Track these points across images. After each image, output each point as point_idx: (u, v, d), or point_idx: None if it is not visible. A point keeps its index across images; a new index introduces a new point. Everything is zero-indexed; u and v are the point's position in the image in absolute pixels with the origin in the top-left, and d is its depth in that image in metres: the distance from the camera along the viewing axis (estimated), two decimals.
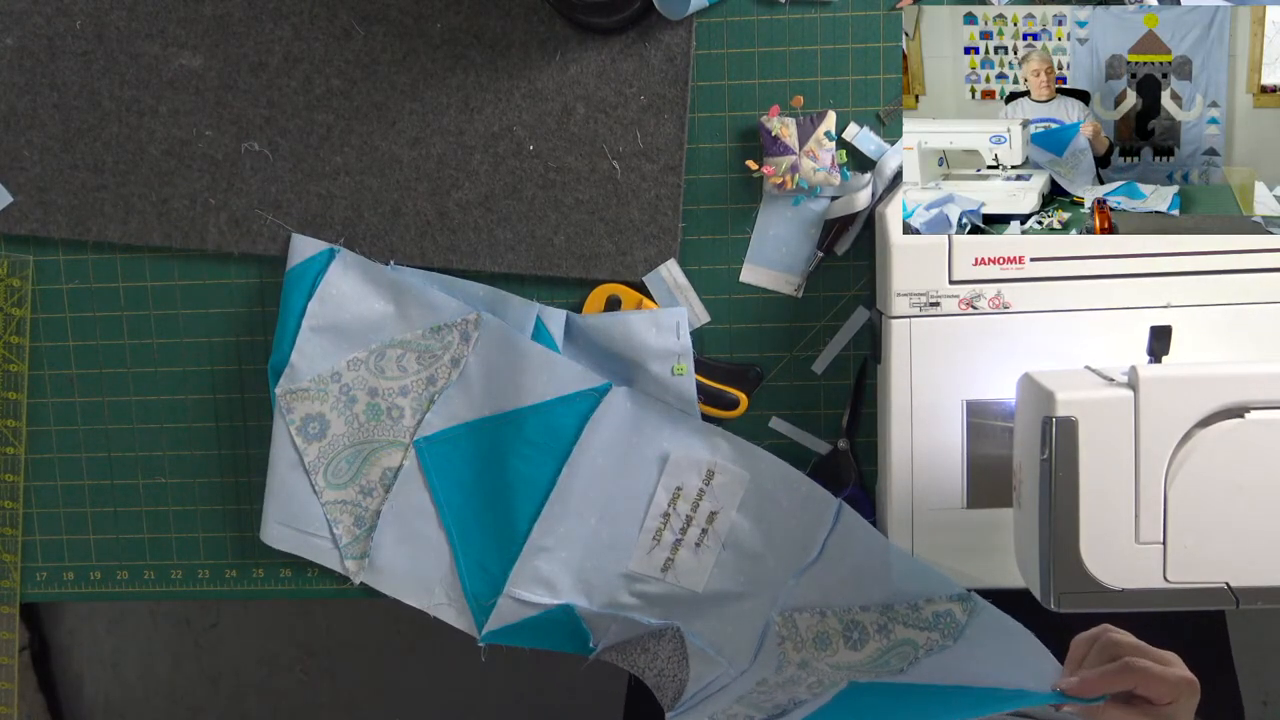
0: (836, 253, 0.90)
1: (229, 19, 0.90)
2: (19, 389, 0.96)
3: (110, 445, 0.97)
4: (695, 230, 0.91)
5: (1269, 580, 0.69)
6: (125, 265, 0.95)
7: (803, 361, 0.92)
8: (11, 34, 0.92)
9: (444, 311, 0.91)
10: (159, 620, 1.81)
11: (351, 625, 1.76)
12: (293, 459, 0.92)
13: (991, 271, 0.80)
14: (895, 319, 0.81)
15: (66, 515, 0.98)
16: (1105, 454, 0.68)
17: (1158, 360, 0.79)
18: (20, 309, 0.95)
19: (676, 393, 0.90)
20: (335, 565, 0.94)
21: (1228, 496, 0.68)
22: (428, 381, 0.91)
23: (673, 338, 0.89)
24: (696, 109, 0.89)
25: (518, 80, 0.89)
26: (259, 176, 0.92)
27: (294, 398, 0.91)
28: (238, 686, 1.81)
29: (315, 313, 0.90)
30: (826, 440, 0.92)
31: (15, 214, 0.94)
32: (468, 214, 0.91)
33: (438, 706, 1.75)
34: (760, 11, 0.88)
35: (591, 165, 0.89)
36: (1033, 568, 0.72)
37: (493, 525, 0.93)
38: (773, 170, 0.87)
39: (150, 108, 0.92)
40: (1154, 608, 0.70)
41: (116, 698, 1.83)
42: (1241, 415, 0.68)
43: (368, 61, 0.90)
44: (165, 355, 0.96)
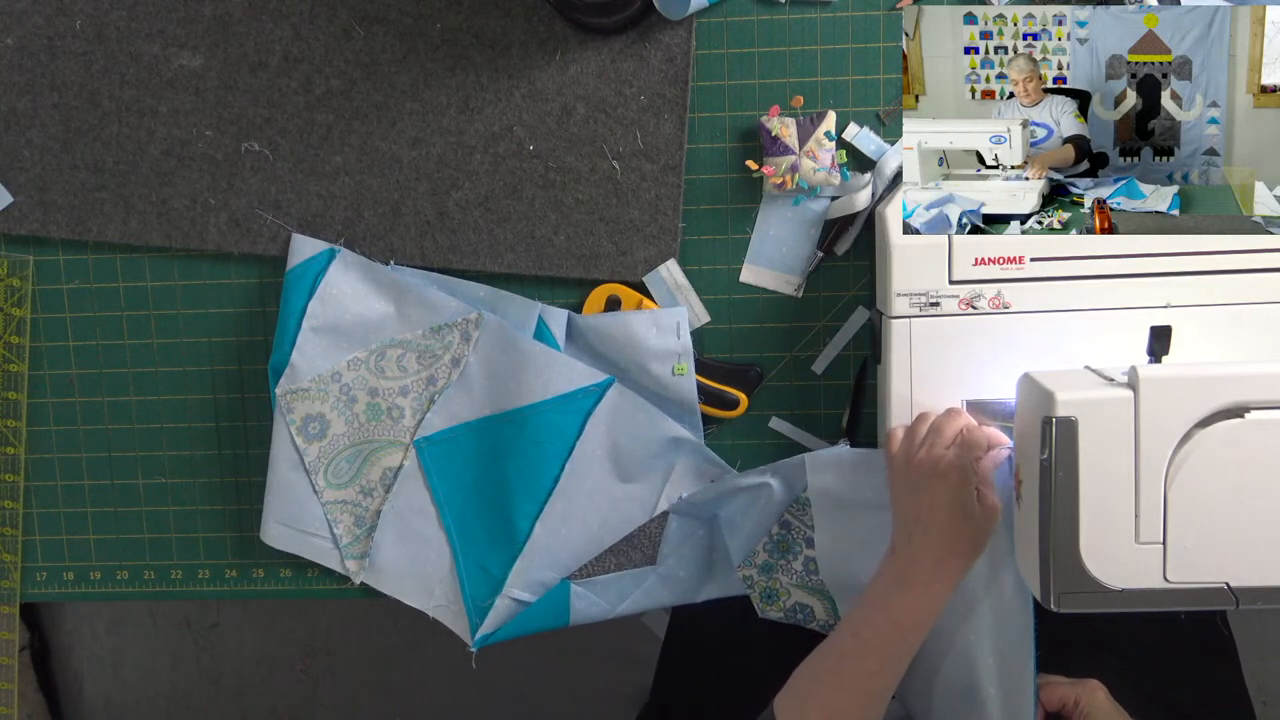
0: (836, 253, 0.90)
1: (229, 19, 0.90)
2: (19, 389, 0.96)
3: (110, 445, 0.97)
4: (695, 230, 0.90)
5: (1269, 580, 0.69)
6: (125, 265, 0.95)
7: (803, 361, 0.92)
8: (11, 34, 0.92)
9: (444, 311, 0.91)
10: (159, 620, 1.81)
11: (351, 625, 1.76)
12: (293, 459, 0.92)
13: (991, 271, 0.80)
14: (895, 319, 0.81)
15: (66, 515, 0.98)
16: (1105, 454, 0.68)
17: (1158, 360, 0.79)
18: (20, 309, 0.95)
19: (676, 393, 0.90)
20: (335, 565, 0.94)
21: (1228, 496, 0.68)
22: (428, 381, 0.91)
23: (673, 338, 0.89)
24: (696, 109, 0.89)
25: (518, 80, 0.89)
26: (259, 176, 0.92)
27: (294, 398, 0.91)
28: (238, 686, 1.81)
29: (316, 313, 0.90)
30: (826, 440, 0.92)
31: (15, 214, 0.94)
32: (468, 214, 0.91)
33: (438, 706, 1.75)
34: (760, 11, 0.88)
35: (591, 165, 0.89)
36: (1033, 568, 0.72)
37: (493, 525, 0.93)
38: (773, 170, 0.87)
39: (150, 108, 0.92)
40: (1154, 608, 0.70)
41: (116, 698, 1.83)
42: (1241, 415, 0.68)
43: (368, 61, 0.90)
44: (165, 355, 0.95)
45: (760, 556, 0.92)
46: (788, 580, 0.93)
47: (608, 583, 0.93)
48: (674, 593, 0.94)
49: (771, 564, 0.92)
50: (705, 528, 0.94)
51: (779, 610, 0.93)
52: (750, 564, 0.93)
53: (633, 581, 0.93)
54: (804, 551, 0.92)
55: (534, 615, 0.92)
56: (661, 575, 0.93)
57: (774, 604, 0.93)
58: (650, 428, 0.91)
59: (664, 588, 0.94)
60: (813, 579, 0.92)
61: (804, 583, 0.92)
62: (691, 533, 0.94)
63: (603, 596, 0.93)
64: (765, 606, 0.93)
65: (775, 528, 0.91)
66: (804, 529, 0.91)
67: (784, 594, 0.93)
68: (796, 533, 0.91)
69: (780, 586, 0.93)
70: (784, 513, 0.91)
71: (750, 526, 0.91)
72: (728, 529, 0.92)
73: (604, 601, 0.93)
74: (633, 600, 0.93)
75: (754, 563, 0.93)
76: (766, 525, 0.91)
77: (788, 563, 0.92)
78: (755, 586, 0.93)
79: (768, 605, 0.93)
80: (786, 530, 0.92)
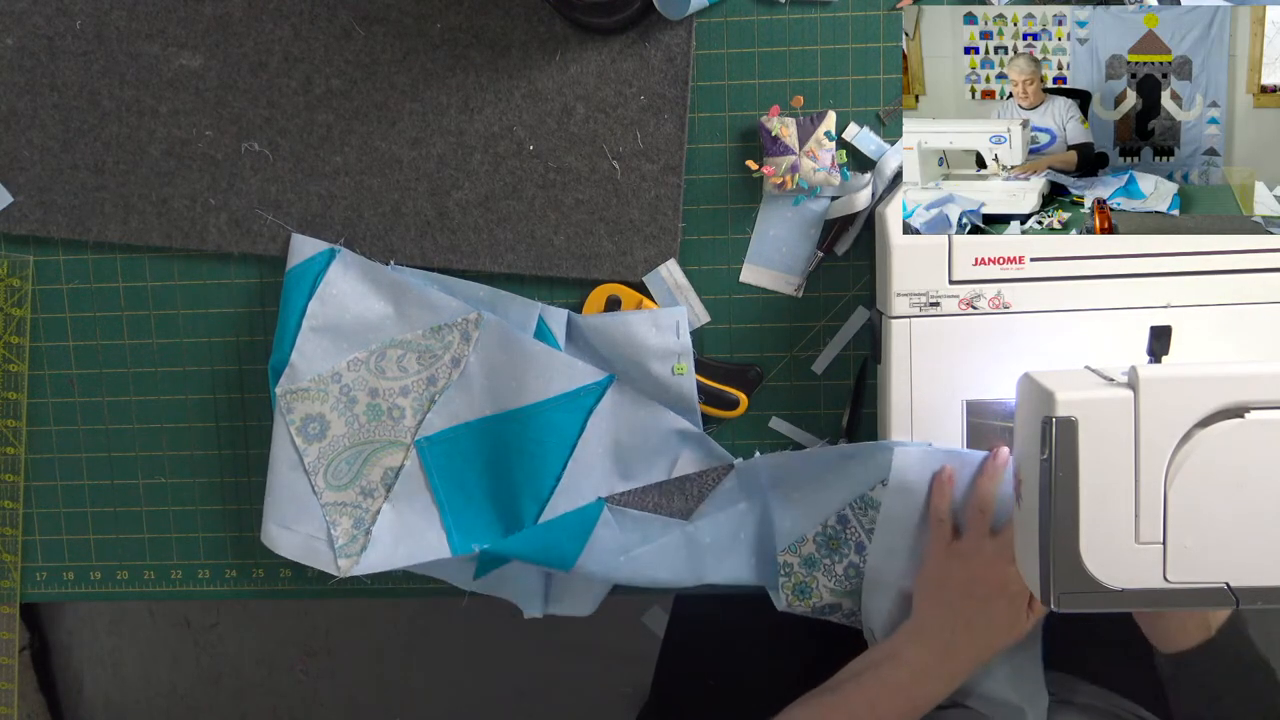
0: (836, 253, 0.90)
1: (229, 19, 0.90)
2: (19, 389, 0.96)
3: (110, 445, 0.97)
4: (695, 230, 0.91)
5: (1269, 580, 0.68)
6: (125, 265, 0.95)
7: (803, 361, 0.92)
8: (11, 34, 0.92)
9: (444, 311, 0.91)
10: (159, 620, 1.81)
11: (351, 625, 1.76)
12: (293, 460, 0.92)
13: (991, 271, 0.80)
14: (895, 319, 0.81)
15: (66, 515, 0.98)
16: (1105, 454, 0.68)
17: (1158, 360, 0.79)
18: (20, 309, 0.95)
19: (676, 393, 0.90)
20: (331, 567, 0.93)
21: (1228, 496, 0.68)
22: (428, 381, 0.91)
23: (673, 337, 0.89)
24: (696, 109, 0.89)
25: (518, 80, 0.89)
26: (259, 176, 0.92)
27: (294, 398, 0.91)
28: (238, 686, 1.81)
29: (316, 313, 0.90)
30: (826, 440, 0.92)
31: (15, 214, 0.94)
32: (468, 214, 0.91)
33: (438, 706, 1.75)
34: (760, 11, 0.88)
35: (591, 165, 0.89)
36: (1033, 568, 0.72)
37: (495, 525, 0.93)
38: (773, 170, 0.87)
39: (150, 108, 0.92)
40: (1154, 608, 0.70)
41: (116, 698, 1.83)
42: (1241, 415, 0.68)
43: (368, 61, 0.90)
44: (165, 355, 0.96)
45: (807, 547, 0.89)
46: (826, 582, 0.90)
47: (637, 520, 0.90)
48: (686, 563, 0.91)
49: (815, 559, 0.89)
50: (749, 502, 0.91)
51: (807, 606, 0.90)
52: (795, 551, 0.89)
53: (659, 529, 0.90)
54: (850, 556, 0.89)
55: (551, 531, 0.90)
56: (688, 535, 0.90)
57: (805, 600, 0.90)
58: (652, 423, 0.90)
59: (681, 550, 0.90)
60: (850, 583, 0.89)
61: (840, 587, 0.90)
62: (733, 503, 0.91)
63: (625, 531, 0.90)
64: (794, 600, 0.90)
65: (832, 519, 0.88)
66: (860, 531, 0.88)
67: (817, 594, 0.90)
68: (851, 533, 0.88)
69: (817, 586, 0.90)
70: (846, 506, 0.88)
71: (807, 507, 0.88)
72: (780, 505, 0.89)
73: (621, 538, 0.90)
74: (643, 558, 0.90)
75: (799, 551, 0.89)
76: (826, 513, 0.88)
77: (831, 564, 0.89)
78: (792, 576, 0.90)
79: (797, 600, 0.90)
80: (843, 527, 0.88)
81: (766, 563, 0.92)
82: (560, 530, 0.90)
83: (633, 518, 0.90)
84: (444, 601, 1.62)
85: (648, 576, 0.91)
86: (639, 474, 0.92)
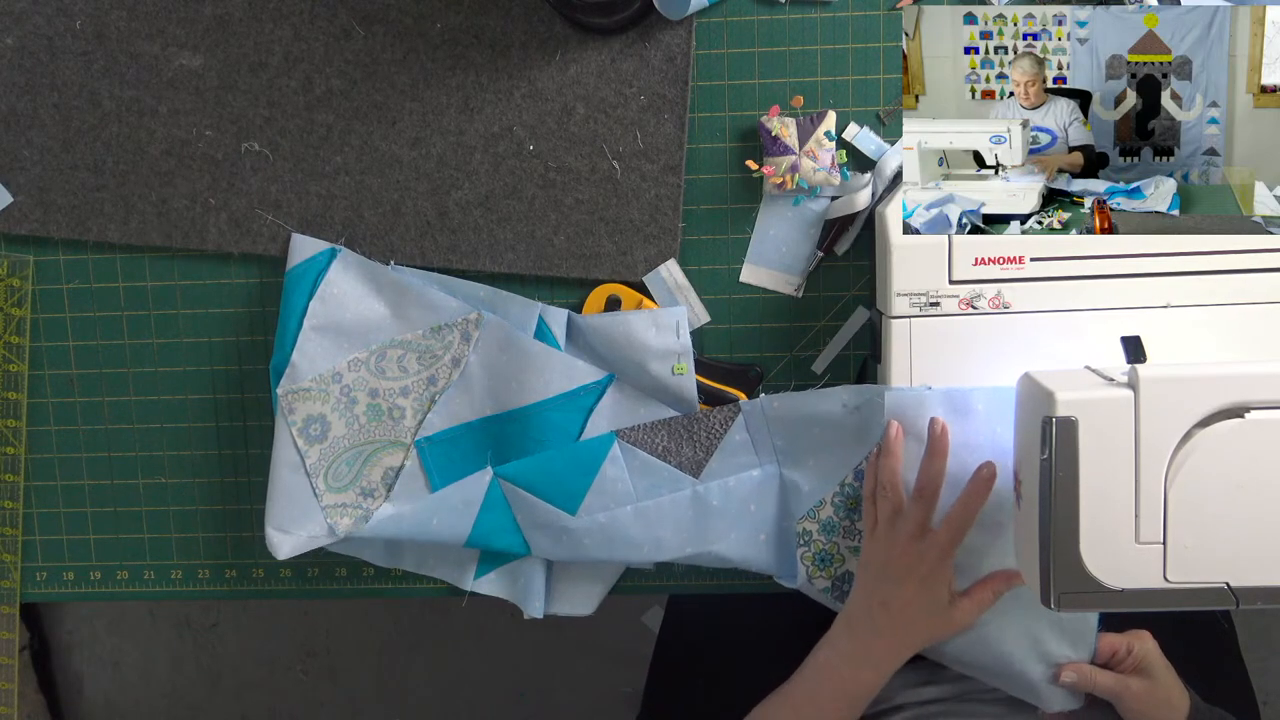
0: (836, 253, 0.90)
1: (229, 19, 0.90)
2: (19, 389, 0.96)
3: (110, 445, 0.97)
4: (695, 230, 0.91)
5: (1269, 580, 0.69)
6: (125, 265, 0.95)
7: (803, 361, 0.92)
8: (11, 34, 0.92)
9: (444, 311, 0.91)
10: (159, 620, 1.81)
11: (351, 625, 1.76)
12: (295, 462, 0.92)
13: (991, 271, 0.80)
14: (895, 319, 0.81)
15: (66, 515, 0.98)
16: (1105, 454, 0.68)
17: None
18: (20, 309, 0.95)
19: (676, 393, 0.90)
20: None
21: (1228, 496, 0.68)
22: (429, 381, 0.91)
23: (673, 337, 0.89)
24: (696, 109, 0.89)
25: (518, 80, 0.89)
26: (259, 176, 0.92)
27: (295, 398, 0.91)
28: (238, 686, 1.81)
29: (316, 312, 0.90)
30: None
31: (15, 214, 0.94)
32: (468, 214, 0.91)
33: (438, 706, 1.75)
34: (760, 11, 0.88)
35: (591, 165, 0.89)
36: (1033, 568, 0.72)
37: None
38: (773, 170, 0.87)
39: (150, 108, 0.92)
40: (1154, 608, 0.70)
41: (116, 698, 1.83)
42: (1241, 415, 0.68)
43: (368, 61, 0.90)
44: (165, 355, 0.96)
45: (825, 510, 0.86)
46: (846, 544, 0.87)
47: (645, 465, 0.88)
48: (693, 524, 0.88)
49: (834, 523, 0.86)
50: (762, 470, 0.88)
51: (828, 578, 0.87)
52: (813, 516, 0.87)
53: (667, 483, 0.88)
54: None
55: (559, 460, 0.88)
56: (696, 494, 0.88)
57: (825, 570, 0.87)
58: (652, 420, 0.90)
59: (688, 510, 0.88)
60: None
61: (859, 549, 0.86)
62: (744, 467, 0.88)
63: (633, 475, 0.88)
64: (815, 572, 0.87)
65: (849, 475, 0.86)
66: None
67: (839, 560, 0.87)
68: None
69: (838, 551, 0.87)
70: (862, 460, 0.85)
71: (823, 469, 0.86)
72: (793, 470, 0.87)
73: (629, 483, 0.88)
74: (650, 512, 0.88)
75: (817, 515, 0.87)
76: (843, 471, 0.86)
77: (852, 523, 0.86)
78: (811, 544, 0.87)
79: (818, 571, 0.87)
80: (861, 483, 0.85)
81: (776, 542, 0.89)
82: (569, 460, 0.88)
83: (642, 461, 0.88)
84: (444, 601, 1.63)
85: (653, 535, 0.88)
86: None
